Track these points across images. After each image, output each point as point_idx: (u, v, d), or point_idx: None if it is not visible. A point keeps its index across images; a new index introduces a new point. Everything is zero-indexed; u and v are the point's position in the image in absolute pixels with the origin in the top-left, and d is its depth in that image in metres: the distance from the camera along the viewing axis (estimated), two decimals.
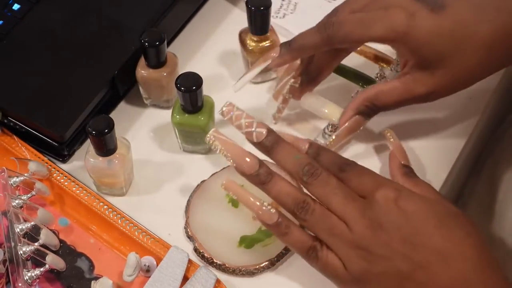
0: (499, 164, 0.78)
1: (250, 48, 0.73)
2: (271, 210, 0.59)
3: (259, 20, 0.71)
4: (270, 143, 0.60)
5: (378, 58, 0.74)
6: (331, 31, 0.63)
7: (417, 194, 0.57)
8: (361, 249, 0.56)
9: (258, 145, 0.61)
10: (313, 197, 0.59)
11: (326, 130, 0.71)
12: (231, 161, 0.60)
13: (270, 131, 0.61)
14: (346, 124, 0.67)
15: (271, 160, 0.61)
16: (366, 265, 0.55)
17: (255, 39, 0.73)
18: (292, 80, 0.69)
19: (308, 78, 0.70)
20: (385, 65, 0.74)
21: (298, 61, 0.70)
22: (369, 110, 0.66)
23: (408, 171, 0.63)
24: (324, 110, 0.70)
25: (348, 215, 0.57)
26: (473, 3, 0.61)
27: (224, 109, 0.62)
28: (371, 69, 0.74)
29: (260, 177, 0.59)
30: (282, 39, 0.75)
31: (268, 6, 0.70)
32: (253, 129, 0.61)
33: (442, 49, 0.61)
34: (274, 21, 0.80)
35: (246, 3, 0.70)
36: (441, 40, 0.61)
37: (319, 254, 0.58)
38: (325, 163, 0.60)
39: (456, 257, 0.54)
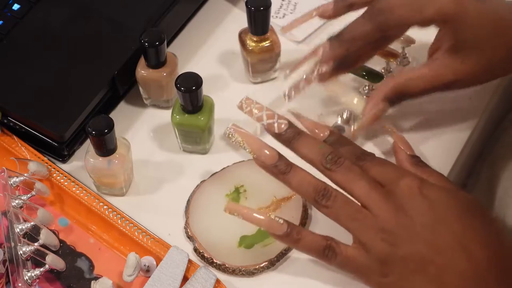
0: (498, 164, 0.78)
1: (250, 48, 0.73)
2: (279, 220, 0.59)
3: (259, 20, 0.71)
4: (292, 134, 0.62)
5: (384, 52, 0.74)
6: (383, 18, 0.64)
7: (437, 184, 0.58)
8: (385, 232, 0.57)
9: (279, 136, 0.62)
10: (334, 186, 0.60)
11: (342, 118, 0.72)
12: (251, 153, 0.61)
13: (291, 123, 0.62)
14: (373, 111, 0.67)
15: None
16: (390, 248, 0.56)
17: (254, 39, 0.73)
18: (325, 66, 0.67)
19: (342, 65, 0.68)
20: (391, 59, 0.74)
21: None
22: (396, 98, 0.67)
23: (417, 161, 0.64)
24: (352, 100, 0.70)
25: (372, 200, 0.58)
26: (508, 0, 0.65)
27: (243, 101, 0.64)
28: (377, 64, 0.74)
29: (280, 168, 0.60)
30: (282, 39, 0.75)
31: (267, 6, 0.70)
32: (274, 120, 0.62)
33: (482, 35, 0.63)
34: (274, 21, 0.80)
35: (246, 3, 0.70)
36: (483, 26, 0.63)
37: (337, 251, 0.59)
38: (344, 152, 0.61)
39: (476, 244, 0.55)
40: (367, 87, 0.74)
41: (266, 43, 0.73)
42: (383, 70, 0.74)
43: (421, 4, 0.63)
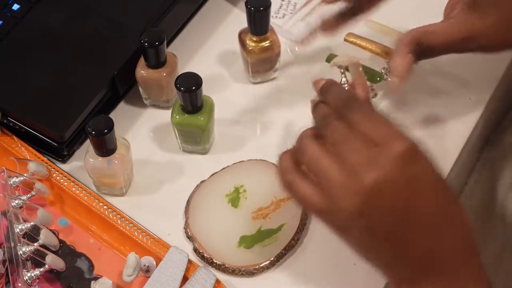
0: (498, 163, 0.78)
1: (250, 48, 0.73)
2: None
3: (258, 21, 0.71)
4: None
5: (384, 52, 0.74)
6: None
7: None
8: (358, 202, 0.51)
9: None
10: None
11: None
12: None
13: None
14: (402, 64, 0.66)
15: None
16: (358, 220, 0.51)
17: (254, 39, 0.73)
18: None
19: (347, 12, 0.68)
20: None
21: None
22: (418, 49, 0.66)
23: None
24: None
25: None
26: None
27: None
28: (376, 64, 0.74)
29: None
30: (282, 40, 0.75)
31: (267, 6, 0.69)
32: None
33: None
34: (273, 21, 0.80)
35: (246, 4, 0.70)
36: None
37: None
38: (331, 99, 0.56)
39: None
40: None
41: (266, 43, 0.73)
42: (383, 70, 0.74)
43: None
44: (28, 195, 0.66)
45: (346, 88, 0.63)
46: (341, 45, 0.76)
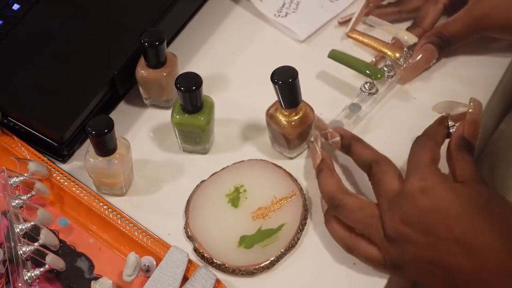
0: (498, 164, 0.78)
1: (285, 123, 0.68)
2: None
3: (287, 93, 0.66)
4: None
5: (387, 49, 0.75)
6: None
7: (442, 185, 0.59)
8: (391, 241, 0.60)
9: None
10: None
11: (364, 89, 0.74)
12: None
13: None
14: (422, 52, 0.74)
15: None
16: (398, 255, 0.59)
17: (286, 113, 0.67)
18: None
19: None
20: (393, 56, 0.74)
21: None
22: (440, 40, 0.74)
23: (463, 144, 0.63)
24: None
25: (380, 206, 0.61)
26: None
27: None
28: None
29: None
30: (284, 38, 0.75)
31: (295, 76, 0.64)
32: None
33: None
34: (276, 19, 0.80)
35: (272, 79, 0.64)
36: None
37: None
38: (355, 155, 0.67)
39: (480, 246, 0.55)
40: (368, 84, 0.74)
41: (300, 114, 0.68)
42: (385, 68, 0.75)
43: None
44: (28, 195, 0.66)
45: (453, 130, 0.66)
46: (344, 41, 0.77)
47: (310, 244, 0.66)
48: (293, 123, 0.68)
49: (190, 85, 0.66)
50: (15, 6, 0.75)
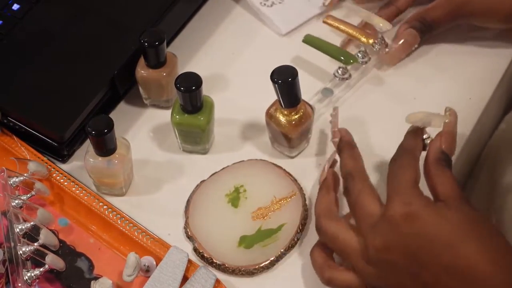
0: (497, 168, 0.77)
1: (285, 122, 0.68)
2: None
3: (287, 92, 0.66)
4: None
5: (362, 36, 0.75)
6: None
7: (427, 209, 0.56)
8: (373, 266, 0.57)
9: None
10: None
11: (337, 74, 0.74)
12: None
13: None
14: (404, 35, 0.75)
15: None
16: (381, 281, 0.57)
17: (286, 112, 0.68)
18: None
19: None
20: (367, 42, 0.75)
21: None
22: (422, 25, 0.75)
23: (442, 158, 0.60)
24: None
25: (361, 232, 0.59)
26: None
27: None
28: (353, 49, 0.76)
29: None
30: (267, 31, 0.76)
31: (294, 76, 0.64)
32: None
33: None
34: (261, 8, 0.80)
35: (271, 78, 0.65)
36: None
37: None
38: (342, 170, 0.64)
39: (471, 273, 0.53)
40: (341, 69, 0.74)
41: (300, 113, 0.68)
42: (359, 54, 0.75)
43: None
44: (28, 195, 0.66)
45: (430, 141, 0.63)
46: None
47: (310, 244, 0.66)
48: (293, 122, 0.68)
49: (190, 85, 0.66)
50: (15, 6, 0.75)
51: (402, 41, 0.75)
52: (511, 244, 0.55)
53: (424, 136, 0.63)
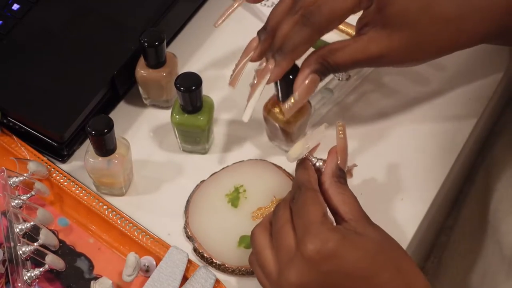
0: (493, 173, 0.77)
1: (282, 117, 0.68)
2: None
3: (287, 87, 0.65)
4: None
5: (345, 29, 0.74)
6: (316, 19, 0.61)
7: (342, 242, 0.54)
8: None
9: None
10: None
11: (337, 74, 0.73)
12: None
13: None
14: (304, 83, 0.63)
15: None
16: None
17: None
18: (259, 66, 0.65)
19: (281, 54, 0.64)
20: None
21: (255, 42, 0.65)
22: (323, 68, 0.63)
23: (340, 175, 0.59)
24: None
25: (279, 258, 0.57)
26: None
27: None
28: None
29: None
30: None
31: (295, 71, 0.64)
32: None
33: (411, 10, 0.60)
34: (261, 9, 0.80)
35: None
36: (411, 2, 0.60)
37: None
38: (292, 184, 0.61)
39: None
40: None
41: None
42: None
43: None
44: (28, 195, 0.66)
45: (320, 164, 0.62)
46: None
47: None
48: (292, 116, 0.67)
49: (190, 85, 0.66)
50: (15, 6, 0.75)
51: (302, 87, 0.64)
52: (416, 266, 0.55)
53: (313, 161, 0.61)
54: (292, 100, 0.64)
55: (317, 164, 0.61)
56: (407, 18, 0.60)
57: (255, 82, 0.65)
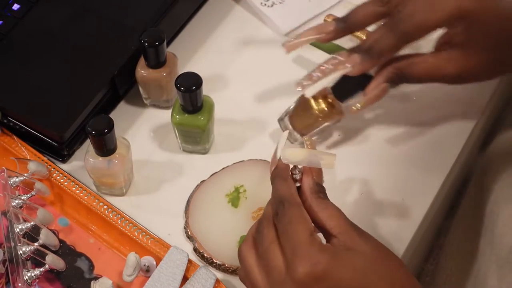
0: (488, 175, 0.77)
1: (326, 109, 0.69)
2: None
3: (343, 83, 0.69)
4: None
5: (361, 33, 0.75)
6: (405, 27, 0.63)
7: (333, 262, 0.53)
8: None
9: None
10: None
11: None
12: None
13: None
14: (375, 91, 0.67)
15: None
16: None
17: (331, 100, 0.69)
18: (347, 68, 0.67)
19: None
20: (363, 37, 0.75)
21: (331, 27, 0.68)
22: (397, 78, 0.67)
23: (319, 190, 0.57)
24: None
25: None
26: None
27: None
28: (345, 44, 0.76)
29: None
30: (266, 31, 0.74)
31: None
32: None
33: (493, 34, 0.62)
34: (261, 8, 0.80)
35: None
36: (496, 26, 0.62)
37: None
38: (271, 198, 0.58)
39: None
40: None
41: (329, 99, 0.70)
42: None
43: (440, 2, 0.62)
44: (28, 195, 0.66)
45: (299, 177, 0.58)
46: None
47: None
48: (326, 109, 0.69)
49: (190, 85, 0.66)
50: (15, 6, 0.75)
51: (372, 94, 0.68)
52: (412, 276, 0.55)
53: (296, 173, 0.58)
54: (361, 103, 0.68)
55: (298, 177, 0.58)
56: (489, 42, 0.63)
57: (326, 67, 0.67)
